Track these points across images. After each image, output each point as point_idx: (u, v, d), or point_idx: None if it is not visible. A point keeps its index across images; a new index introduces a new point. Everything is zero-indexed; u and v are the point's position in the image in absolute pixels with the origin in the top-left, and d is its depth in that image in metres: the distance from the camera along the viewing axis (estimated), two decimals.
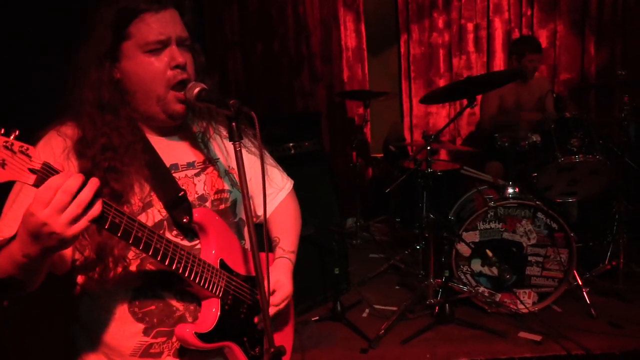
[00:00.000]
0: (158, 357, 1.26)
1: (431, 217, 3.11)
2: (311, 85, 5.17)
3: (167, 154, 1.30)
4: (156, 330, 1.25)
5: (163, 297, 1.25)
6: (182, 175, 1.31)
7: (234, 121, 1.16)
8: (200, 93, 1.22)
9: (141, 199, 1.22)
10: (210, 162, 1.38)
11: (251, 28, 4.97)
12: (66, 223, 0.94)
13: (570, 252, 3.06)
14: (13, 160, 0.90)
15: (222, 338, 1.27)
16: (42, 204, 0.92)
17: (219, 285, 1.26)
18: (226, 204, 1.38)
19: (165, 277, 1.24)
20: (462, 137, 5.22)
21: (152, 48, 1.20)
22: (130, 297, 1.24)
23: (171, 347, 1.27)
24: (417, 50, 5.23)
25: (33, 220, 0.94)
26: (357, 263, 3.98)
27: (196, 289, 1.25)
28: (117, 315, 1.24)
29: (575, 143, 3.10)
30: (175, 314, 1.26)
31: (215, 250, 1.29)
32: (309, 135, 3.46)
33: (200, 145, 1.38)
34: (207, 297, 1.27)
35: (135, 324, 1.24)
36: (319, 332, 2.92)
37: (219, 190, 1.37)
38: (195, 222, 1.25)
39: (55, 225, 0.93)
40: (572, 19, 4.93)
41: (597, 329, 2.86)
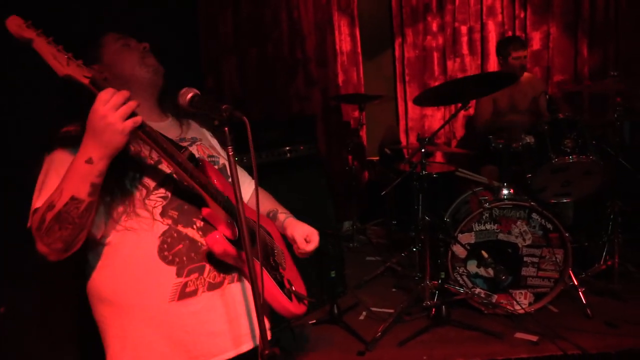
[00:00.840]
0: (194, 295, 1.39)
1: (427, 220, 3.13)
2: (306, 89, 5.18)
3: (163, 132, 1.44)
4: (187, 269, 1.38)
5: (188, 235, 1.39)
6: None
7: (226, 126, 1.18)
8: (193, 98, 1.25)
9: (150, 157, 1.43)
10: (197, 139, 1.64)
11: (245, 33, 4.98)
12: (120, 117, 1.19)
13: (566, 253, 3.08)
14: (73, 65, 1.20)
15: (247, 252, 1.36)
16: (103, 102, 1.18)
17: (233, 211, 1.42)
18: (218, 165, 1.61)
19: (186, 216, 1.40)
20: (458, 140, 5.24)
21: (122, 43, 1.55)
22: (159, 243, 1.37)
23: (204, 283, 1.40)
24: (411, 54, 5.26)
25: (95, 116, 1.19)
26: (353, 266, 3.99)
27: (213, 212, 1.39)
28: (149, 265, 1.37)
29: (568, 144, 3.11)
30: (201, 249, 1.40)
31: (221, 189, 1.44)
32: (305, 139, 3.47)
33: (186, 129, 1.66)
34: (223, 223, 1.41)
35: (167, 267, 1.37)
36: (316, 335, 2.93)
37: (210, 155, 1.61)
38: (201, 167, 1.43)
39: (112, 118, 1.18)
40: (565, 21, 4.96)
41: (593, 329, 2.87)
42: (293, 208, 3.14)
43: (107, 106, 1.18)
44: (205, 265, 1.40)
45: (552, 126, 3.21)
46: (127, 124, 1.20)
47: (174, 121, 1.65)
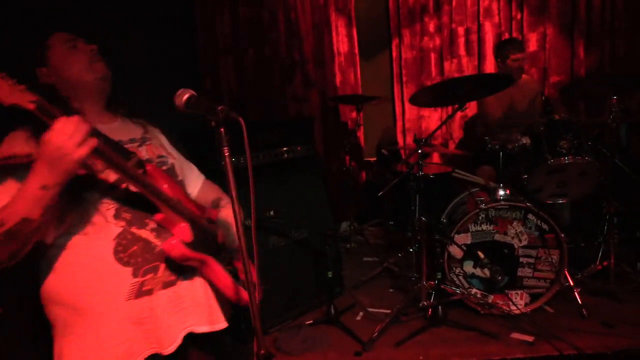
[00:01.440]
0: (150, 294, 1.44)
1: (423, 220, 3.14)
2: (304, 90, 5.18)
3: (112, 135, 1.50)
4: (143, 269, 1.43)
5: (142, 236, 1.45)
6: (129, 146, 1.56)
7: (222, 127, 1.19)
8: (189, 100, 1.26)
9: None
10: (147, 140, 1.67)
11: (243, 34, 4.98)
12: (75, 146, 1.20)
13: (562, 253, 3.09)
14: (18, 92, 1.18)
15: (201, 251, 1.47)
16: (56, 132, 1.19)
17: (183, 213, 1.48)
18: (167, 166, 1.65)
19: (139, 218, 1.45)
20: (454, 141, 5.25)
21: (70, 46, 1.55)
22: (114, 245, 1.42)
23: (158, 282, 1.46)
24: (408, 55, 5.27)
25: (50, 147, 1.20)
26: (350, 266, 4.00)
27: (166, 216, 1.45)
28: (105, 267, 1.40)
29: (564, 145, 3.13)
30: (155, 250, 1.45)
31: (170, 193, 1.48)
32: (302, 140, 3.48)
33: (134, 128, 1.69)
34: (177, 225, 1.47)
35: (123, 269, 1.41)
36: (312, 336, 2.93)
37: (159, 155, 1.65)
38: (148, 173, 1.45)
39: (67, 148, 1.19)
40: (562, 22, 4.97)
41: (589, 329, 2.88)
42: (290, 209, 3.17)
43: (62, 137, 1.19)
44: (159, 265, 1.46)
45: (548, 127, 3.22)
46: (82, 151, 1.22)
47: (124, 122, 1.69)
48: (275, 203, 3.11)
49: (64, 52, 1.55)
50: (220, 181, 1.78)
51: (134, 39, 3.89)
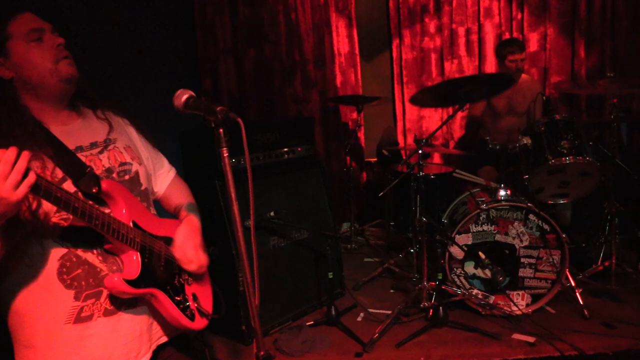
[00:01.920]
0: (89, 320, 1.38)
1: (424, 221, 3.13)
2: (304, 90, 5.19)
3: (71, 138, 1.44)
4: (85, 294, 1.37)
5: (87, 260, 1.38)
6: (88, 154, 1.46)
7: (221, 128, 1.18)
8: (188, 100, 1.25)
9: (52, 177, 1.35)
10: (111, 142, 1.55)
11: (243, 35, 4.98)
12: (11, 188, 1.10)
13: (563, 254, 3.08)
14: None
15: (147, 284, 1.43)
16: None
17: (135, 240, 1.42)
18: (130, 174, 1.55)
19: (86, 241, 1.38)
20: (455, 141, 5.25)
21: (33, 37, 1.39)
22: (58, 266, 1.36)
23: (100, 308, 1.40)
24: (409, 55, 5.27)
25: None
26: (351, 267, 3.99)
27: (115, 245, 1.39)
28: (48, 287, 1.35)
29: (565, 145, 3.12)
30: (100, 274, 1.39)
31: (126, 214, 1.44)
32: (303, 140, 3.47)
33: (97, 127, 1.56)
34: (126, 251, 1.42)
35: (65, 291, 1.36)
36: (313, 337, 2.92)
37: (122, 163, 1.54)
38: (103, 191, 1.40)
39: (3, 191, 1.09)
40: (562, 22, 4.97)
41: (590, 330, 2.87)
42: (291, 209, 3.17)
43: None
44: (102, 290, 1.39)
45: (549, 127, 3.22)
46: (19, 193, 1.12)
47: (87, 120, 1.56)
48: (275, 204, 3.10)
49: (26, 46, 1.39)
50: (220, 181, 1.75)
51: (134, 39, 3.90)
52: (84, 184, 1.37)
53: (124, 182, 1.50)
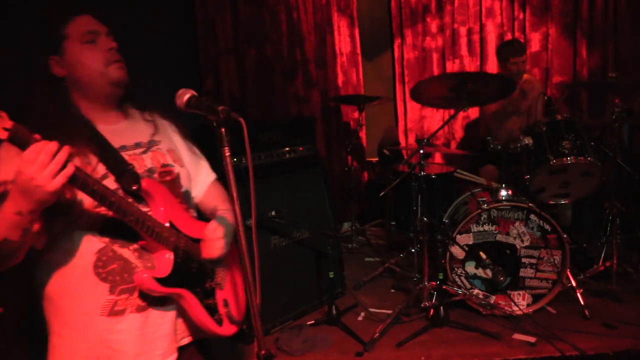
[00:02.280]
0: (122, 314, 1.41)
1: (425, 221, 3.13)
2: (306, 90, 5.19)
3: (116, 138, 1.48)
4: (120, 288, 1.40)
5: (122, 255, 1.41)
6: (132, 153, 1.50)
7: (223, 127, 1.18)
8: (190, 100, 1.26)
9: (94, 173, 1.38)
10: (154, 143, 1.58)
11: (244, 34, 4.98)
12: (49, 177, 1.14)
13: (564, 254, 3.08)
14: None
15: (176, 285, 1.44)
16: (29, 163, 1.13)
17: (169, 240, 1.44)
18: (172, 175, 1.57)
19: (123, 237, 1.41)
20: (457, 141, 5.25)
21: (88, 39, 1.44)
22: (95, 259, 1.39)
23: (133, 304, 1.42)
24: (410, 55, 5.26)
25: (22, 177, 1.14)
26: (352, 267, 4.00)
27: (149, 242, 1.42)
28: (84, 279, 1.39)
29: (566, 145, 3.12)
30: (134, 271, 1.41)
31: (163, 214, 1.46)
32: (304, 140, 3.48)
33: (143, 128, 1.59)
34: (159, 251, 1.44)
35: (101, 284, 1.39)
36: (314, 336, 2.92)
37: (164, 164, 1.56)
38: (143, 189, 1.42)
39: (40, 179, 1.13)
40: (564, 22, 4.96)
41: (591, 330, 2.87)
42: (292, 209, 3.17)
43: (34, 167, 1.13)
44: (136, 286, 1.42)
45: (550, 127, 3.21)
46: (56, 183, 1.15)
47: (134, 121, 1.59)
48: (276, 203, 3.11)
49: (80, 47, 1.44)
50: (222, 181, 1.76)
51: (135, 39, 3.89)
52: (125, 181, 1.41)
53: (164, 183, 1.52)
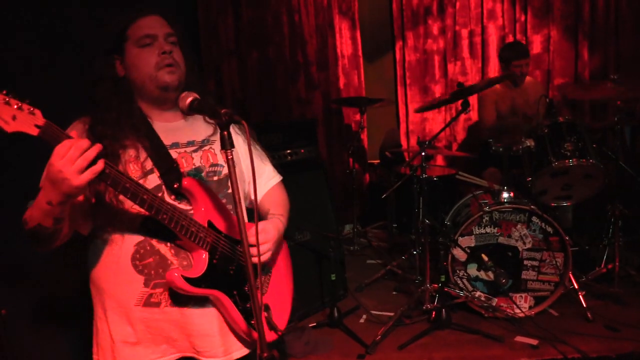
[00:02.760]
0: (157, 306, 1.46)
1: (427, 223, 3.13)
2: (307, 92, 5.19)
3: (170, 135, 1.52)
4: (154, 282, 1.44)
5: (159, 251, 1.44)
6: (182, 151, 1.53)
7: (225, 130, 1.19)
8: (192, 103, 1.27)
9: (142, 167, 1.44)
10: (208, 142, 1.59)
11: (246, 36, 4.99)
12: (76, 172, 1.18)
13: (566, 256, 3.07)
14: (22, 116, 1.15)
15: (209, 286, 1.43)
16: (59, 156, 1.18)
17: (206, 240, 1.44)
18: (219, 176, 1.58)
19: (162, 233, 1.43)
20: (458, 143, 5.24)
21: (144, 43, 1.48)
22: (133, 251, 1.44)
23: (167, 298, 1.46)
24: (412, 57, 5.27)
25: (52, 169, 1.19)
26: (354, 269, 3.99)
27: (185, 242, 1.43)
28: (122, 269, 1.44)
29: (568, 147, 3.12)
30: (170, 267, 1.44)
31: (204, 213, 1.46)
32: (306, 142, 3.48)
33: (200, 127, 1.61)
34: (194, 249, 1.44)
35: (136, 275, 1.44)
36: (316, 338, 2.92)
37: (213, 164, 1.57)
38: (183, 187, 1.43)
39: (68, 173, 1.18)
40: (565, 24, 4.96)
41: (593, 333, 2.86)
42: (294, 211, 3.16)
43: (63, 161, 1.18)
44: None
45: (552, 130, 3.21)
46: (83, 178, 1.20)
47: (193, 120, 1.61)
48: None
49: (137, 51, 1.49)
50: None
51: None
52: (168, 178, 1.44)
53: (211, 183, 1.53)
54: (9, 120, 1.13)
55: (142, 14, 1.52)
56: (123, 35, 1.50)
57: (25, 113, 1.15)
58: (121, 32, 1.50)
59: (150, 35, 1.49)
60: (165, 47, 1.49)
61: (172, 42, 1.53)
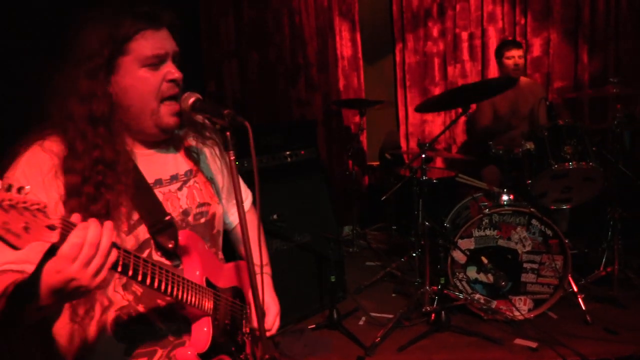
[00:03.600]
0: None
1: (427, 225, 3.13)
2: (307, 94, 5.19)
3: (151, 169, 1.32)
4: (137, 351, 1.25)
5: (148, 318, 1.27)
6: (166, 190, 1.34)
7: (228, 131, 1.18)
8: (195, 103, 1.24)
9: (127, 218, 1.22)
10: (192, 174, 1.41)
11: (247, 38, 4.99)
12: (92, 275, 0.93)
13: (565, 259, 3.08)
14: (35, 222, 0.84)
15: (217, 352, 1.30)
16: (68, 260, 0.91)
17: (208, 304, 1.28)
18: (207, 217, 1.41)
19: (150, 295, 1.25)
20: (458, 145, 5.25)
21: (151, 62, 1.23)
22: (114, 316, 1.24)
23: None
24: (412, 59, 5.27)
25: (60, 277, 0.92)
26: (353, 271, 3.99)
27: (189, 310, 1.26)
28: (99, 335, 1.24)
29: (568, 150, 3.12)
30: (158, 334, 1.28)
31: (200, 271, 1.30)
32: (305, 143, 3.48)
33: (182, 155, 1.41)
34: (198, 318, 1.29)
35: (116, 344, 1.24)
36: (315, 340, 2.92)
37: (199, 204, 1.40)
38: (180, 246, 1.27)
39: (83, 279, 0.92)
40: (565, 27, 4.97)
41: (592, 335, 2.86)
42: (293, 212, 3.17)
43: (75, 266, 0.92)
44: (157, 350, 1.27)
45: (552, 132, 3.22)
46: (100, 278, 0.95)
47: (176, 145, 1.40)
48: (278, 207, 3.11)
49: (139, 71, 1.22)
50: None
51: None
52: (160, 234, 1.25)
53: (198, 227, 1.38)
54: (22, 233, 0.82)
55: (154, 25, 1.24)
56: (121, 48, 1.21)
57: (37, 216, 0.85)
58: (122, 41, 1.21)
59: (160, 56, 1.24)
60: (176, 74, 1.26)
61: (177, 62, 1.31)
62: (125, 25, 1.21)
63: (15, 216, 0.81)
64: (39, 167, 1.16)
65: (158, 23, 1.25)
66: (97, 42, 1.20)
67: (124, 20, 1.21)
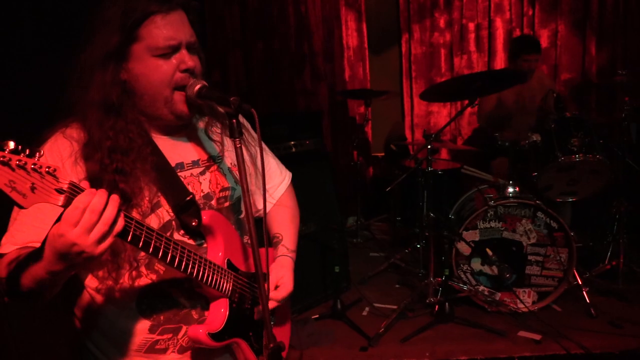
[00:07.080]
0: (163, 353, 1.28)
1: (432, 216, 3.12)
2: (313, 84, 5.17)
3: (173, 153, 1.31)
4: (162, 328, 1.27)
5: (171, 295, 1.28)
6: (188, 174, 1.33)
7: (234, 118, 1.17)
8: (201, 90, 1.23)
9: (150, 201, 1.23)
10: (214, 160, 1.39)
11: (252, 27, 4.97)
12: (95, 241, 0.95)
13: (570, 252, 3.07)
14: (42, 184, 0.88)
15: (231, 335, 1.30)
16: (71, 224, 0.93)
17: (227, 285, 1.28)
18: (230, 201, 1.40)
19: (174, 276, 1.26)
20: (463, 137, 5.23)
21: (163, 52, 1.20)
22: (139, 294, 1.26)
23: (176, 344, 1.29)
24: (418, 50, 5.24)
25: (62, 241, 0.94)
26: (357, 262, 3.99)
27: (206, 290, 1.26)
28: (124, 312, 1.26)
29: (575, 143, 3.10)
30: (182, 312, 1.29)
31: (222, 252, 1.30)
32: (311, 133, 3.47)
33: (204, 143, 1.40)
34: (215, 298, 1.29)
35: (142, 320, 1.26)
36: (319, 330, 2.93)
37: (223, 188, 1.38)
38: (203, 225, 1.26)
39: (85, 245, 0.94)
40: (573, 19, 4.93)
41: (596, 329, 2.86)
42: (298, 202, 3.16)
43: (77, 230, 0.93)
44: (182, 327, 1.29)
45: (559, 125, 3.20)
46: (103, 247, 0.96)
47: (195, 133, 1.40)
48: None
49: (151, 60, 1.20)
50: None
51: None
52: (183, 213, 1.25)
53: (222, 210, 1.37)
54: (28, 193, 0.87)
55: (166, 7, 1.19)
56: (132, 34, 1.18)
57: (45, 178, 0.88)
58: (131, 28, 1.17)
59: (173, 47, 1.21)
60: (190, 63, 1.23)
61: (194, 49, 1.27)
62: (134, 10, 1.17)
63: (23, 175, 0.85)
64: (59, 153, 1.19)
65: (169, 6, 1.20)
66: (107, 28, 1.18)
67: (134, 4, 1.18)
